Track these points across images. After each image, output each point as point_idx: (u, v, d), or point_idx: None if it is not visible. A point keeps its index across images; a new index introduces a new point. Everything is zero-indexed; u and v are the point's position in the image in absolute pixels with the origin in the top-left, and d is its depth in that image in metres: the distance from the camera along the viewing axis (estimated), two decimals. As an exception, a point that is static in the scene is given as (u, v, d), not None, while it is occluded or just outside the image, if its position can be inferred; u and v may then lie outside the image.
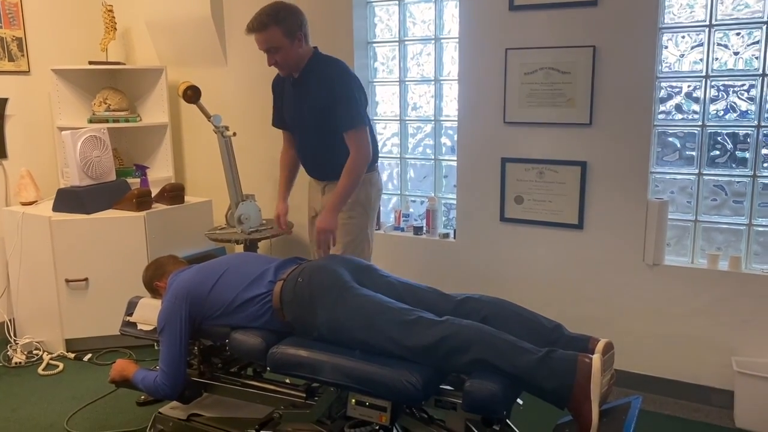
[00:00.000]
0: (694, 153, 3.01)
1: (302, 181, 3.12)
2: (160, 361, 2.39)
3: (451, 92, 3.59)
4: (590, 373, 1.84)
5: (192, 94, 3.52)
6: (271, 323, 2.33)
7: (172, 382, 2.38)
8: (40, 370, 3.42)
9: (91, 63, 4.09)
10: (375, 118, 3.85)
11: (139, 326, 2.69)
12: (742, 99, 2.91)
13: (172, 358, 2.37)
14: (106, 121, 4.03)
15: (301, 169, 3.07)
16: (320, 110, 2.73)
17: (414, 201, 3.83)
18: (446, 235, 3.58)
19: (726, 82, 2.92)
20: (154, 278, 2.69)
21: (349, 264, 2.38)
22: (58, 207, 3.58)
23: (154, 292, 2.71)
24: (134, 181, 4.01)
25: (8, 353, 3.57)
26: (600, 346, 1.93)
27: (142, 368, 2.53)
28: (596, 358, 1.86)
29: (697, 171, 3.01)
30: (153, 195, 3.77)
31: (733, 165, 2.96)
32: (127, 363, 2.59)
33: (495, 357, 1.93)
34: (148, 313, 2.67)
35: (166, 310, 2.40)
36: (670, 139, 3.07)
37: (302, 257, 2.63)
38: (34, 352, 3.62)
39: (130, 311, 2.74)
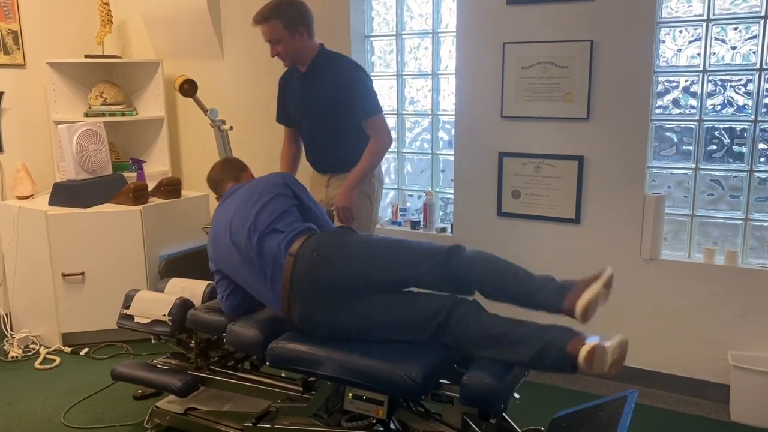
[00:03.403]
0: (691, 148, 3.01)
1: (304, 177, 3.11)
2: None
3: (449, 86, 3.58)
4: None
5: (188, 88, 3.50)
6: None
7: None
8: (36, 365, 3.41)
9: (87, 56, 4.08)
10: (372, 112, 3.84)
11: (136, 319, 2.68)
12: (740, 94, 2.91)
13: None
14: (103, 114, 4.01)
15: (302, 167, 3.08)
16: (331, 103, 2.82)
17: (411, 195, 3.83)
18: (443, 230, 3.58)
19: (723, 77, 2.92)
20: (215, 191, 2.78)
21: (359, 248, 2.29)
22: (54, 201, 3.57)
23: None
24: (131, 175, 4.00)
25: (5, 347, 3.57)
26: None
27: None
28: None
29: (693, 166, 3.02)
30: (149, 189, 3.76)
31: (730, 160, 2.96)
32: None
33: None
34: (145, 306, 2.67)
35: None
36: (667, 133, 3.07)
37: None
38: (31, 346, 3.62)
39: (127, 304, 2.74)
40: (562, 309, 1.97)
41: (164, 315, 2.58)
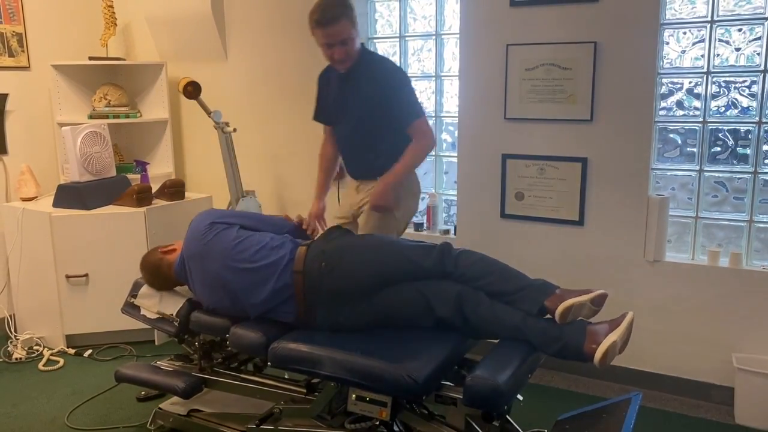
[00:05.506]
0: (695, 149, 3.01)
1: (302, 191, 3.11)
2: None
3: (452, 88, 3.59)
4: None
5: (192, 90, 3.52)
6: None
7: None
8: (40, 366, 3.42)
9: (91, 58, 4.09)
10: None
11: (143, 311, 2.66)
12: (744, 95, 2.90)
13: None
14: (107, 116, 4.02)
15: None
16: (370, 108, 2.68)
17: (414, 197, 3.83)
18: (447, 232, 3.57)
19: (727, 79, 2.91)
20: (167, 284, 2.65)
21: (365, 251, 2.33)
22: (58, 203, 3.58)
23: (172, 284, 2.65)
24: (134, 177, 4.01)
25: (9, 349, 3.57)
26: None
27: None
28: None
29: (698, 167, 3.01)
30: (153, 191, 3.77)
31: (734, 161, 2.96)
32: None
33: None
34: (154, 300, 2.64)
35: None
36: (671, 135, 3.06)
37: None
38: (35, 347, 3.63)
39: (134, 292, 2.71)
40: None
41: (171, 314, 2.56)
